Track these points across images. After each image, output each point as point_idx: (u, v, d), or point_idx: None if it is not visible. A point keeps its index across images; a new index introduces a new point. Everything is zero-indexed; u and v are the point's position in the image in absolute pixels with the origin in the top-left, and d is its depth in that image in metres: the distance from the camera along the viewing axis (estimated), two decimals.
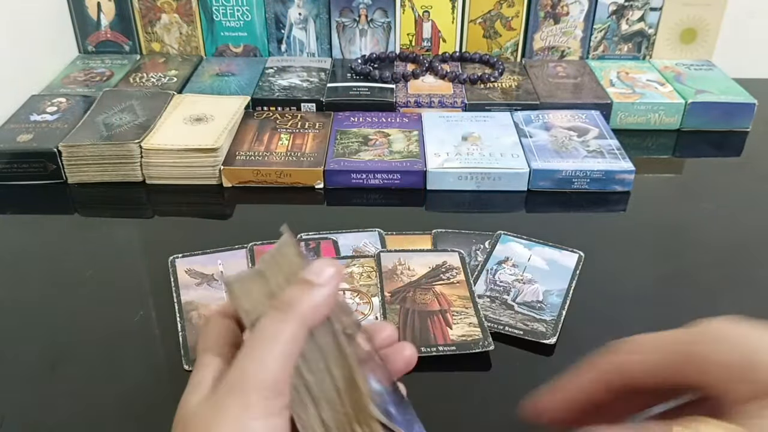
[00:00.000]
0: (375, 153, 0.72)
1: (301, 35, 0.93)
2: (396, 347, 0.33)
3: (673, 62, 0.92)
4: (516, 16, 0.91)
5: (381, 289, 0.54)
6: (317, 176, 0.70)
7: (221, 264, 0.58)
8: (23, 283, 0.58)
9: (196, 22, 0.92)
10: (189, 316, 0.52)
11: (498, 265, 0.58)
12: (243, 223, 0.66)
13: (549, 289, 0.55)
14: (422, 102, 0.82)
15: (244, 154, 0.71)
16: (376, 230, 0.62)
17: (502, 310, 0.53)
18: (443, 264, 0.57)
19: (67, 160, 0.70)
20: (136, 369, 0.49)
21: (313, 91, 0.83)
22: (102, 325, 0.53)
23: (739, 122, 0.82)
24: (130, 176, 0.71)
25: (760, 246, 0.62)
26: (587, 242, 0.61)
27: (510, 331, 0.51)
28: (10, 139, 0.71)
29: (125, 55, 0.94)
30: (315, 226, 0.62)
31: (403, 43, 0.93)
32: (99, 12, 0.92)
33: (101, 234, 0.64)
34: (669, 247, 0.63)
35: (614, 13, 0.91)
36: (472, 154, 0.71)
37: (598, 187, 0.69)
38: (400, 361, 0.33)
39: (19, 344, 0.51)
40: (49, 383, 0.48)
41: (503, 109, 0.81)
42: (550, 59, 0.93)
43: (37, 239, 0.64)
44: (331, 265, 0.30)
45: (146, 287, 0.57)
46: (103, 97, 0.80)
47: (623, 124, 0.82)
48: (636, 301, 0.56)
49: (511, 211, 0.69)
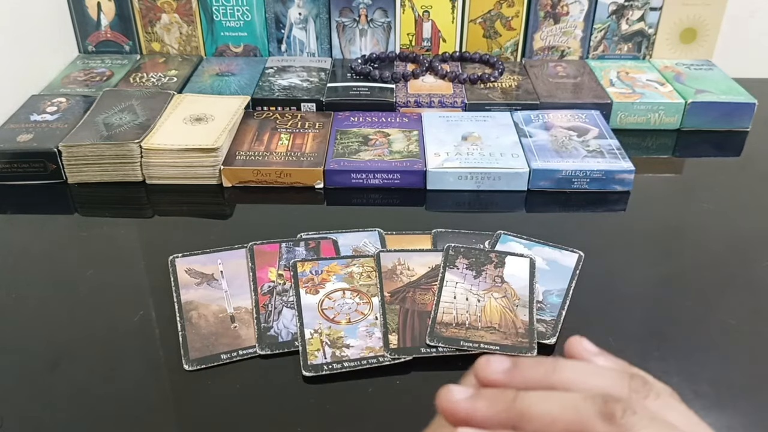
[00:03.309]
0: (375, 153, 0.72)
1: (301, 35, 0.93)
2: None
3: (673, 62, 0.92)
4: (516, 15, 0.91)
5: (381, 289, 0.54)
6: (317, 176, 0.70)
7: (221, 264, 0.58)
8: (23, 283, 0.58)
9: (196, 22, 0.92)
10: (189, 315, 0.53)
11: None
12: (243, 223, 0.66)
13: (549, 289, 0.55)
14: (422, 102, 0.82)
15: (244, 154, 0.71)
16: (376, 230, 0.62)
17: None
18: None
19: (67, 160, 0.70)
20: (136, 369, 0.49)
21: (313, 91, 0.83)
22: (102, 325, 0.53)
23: (739, 122, 0.82)
24: (130, 176, 0.71)
25: (759, 246, 0.62)
26: (587, 242, 0.61)
27: None
28: (10, 139, 0.71)
29: (125, 55, 0.94)
30: (315, 226, 0.62)
31: (403, 43, 0.93)
32: (99, 12, 0.92)
33: (101, 234, 0.64)
34: (669, 247, 0.63)
35: (614, 12, 0.91)
36: (472, 153, 0.71)
37: (598, 187, 0.69)
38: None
39: (19, 344, 0.51)
40: (49, 383, 0.48)
41: (503, 109, 0.81)
42: (550, 59, 0.93)
43: (37, 239, 0.64)
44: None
45: (146, 287, 0.57)
46: (103, 97, 0.80)
47: (623, 124, 0.82)
48: (636, 301, 0.56)
49: (511, 211, 0.69)
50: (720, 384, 0.48)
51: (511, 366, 0.27)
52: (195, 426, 0.45)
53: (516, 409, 0.25)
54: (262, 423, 0.45)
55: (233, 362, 0.49)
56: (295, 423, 0.45)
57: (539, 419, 0.24)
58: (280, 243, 0.60)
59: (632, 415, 0.23)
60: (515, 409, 0.25)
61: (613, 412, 0.24)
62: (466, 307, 0.52)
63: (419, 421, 0.32)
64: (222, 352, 0.49)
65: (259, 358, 0.49)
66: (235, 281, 0.56)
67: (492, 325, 0.51)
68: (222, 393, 0.47)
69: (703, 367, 0.49)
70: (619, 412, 0.23)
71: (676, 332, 0.52)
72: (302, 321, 0.51)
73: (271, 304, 0.53)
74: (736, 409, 0.46)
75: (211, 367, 0.48)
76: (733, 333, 0.52)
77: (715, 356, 0.50)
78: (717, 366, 0.49)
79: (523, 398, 0.25)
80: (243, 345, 0.50)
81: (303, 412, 0.45)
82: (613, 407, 0.24)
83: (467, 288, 0.54)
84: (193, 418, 0.46)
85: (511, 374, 0.27)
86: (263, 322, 0.52)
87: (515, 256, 0.58)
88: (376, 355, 0.49)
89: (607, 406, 0.24)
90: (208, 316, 0.52)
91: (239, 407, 0.46)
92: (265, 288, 0.55)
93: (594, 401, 0.24)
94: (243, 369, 0.49)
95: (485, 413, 0.26)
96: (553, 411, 0.24)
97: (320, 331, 0.51)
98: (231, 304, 0.54)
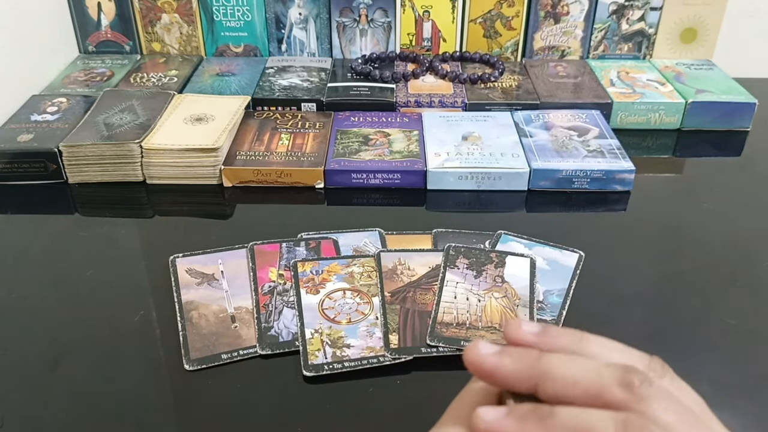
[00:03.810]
0: (375, 153, 0.72)
1: (302, 35, 0.93)
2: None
3: (674, 62, 0.92)
4: (516, 15, 0.91)
5: (381, 289, 0.54)
6: (317, 176, 0.70)
7: (221, 264, 0.58)
8: (23, 283, 0.58)
9: (196, 22, 0.92)
10: (189, 315, 0.53)
11: None
12: (243, 223, 0.66)
13: (549, 289, 0.55)
14: (422, 102, 0.82)
15: (245, 154, 0.71)
16: (377, 230, 0.62)
17: None
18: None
19: (67, 160, 0.70)
20: (136, 369, 0.49)
21: (314, 90, 0.83)
22: (102, 325, 0.53)
23: (739, 122, 0.82)
24: (130, 176, 0.71)
25: (759, 246, 0.62)
26: (587, 242, 0.61)
27: None
28: (11, 139, 0.71)
29: (125, 55, 0.94)
30: (315, 226, 0.62)
31: (403, 42, 0.93)
32: (99, 12, 0.92)
33: (101, 234, 0.64)
34: (669, 247, 0.63)
35: (614, 12, 0.91)
36: (472, 153, 0.71)
37: (598, 186, 0.69)
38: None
39: (20, 344, 0.51)
40: (49, 383, 0.48)
41: (503, 109, 0.81)
42: (550, 59, 0.93)
43: (37, 239, 0.64)
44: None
45: (146, 287, 0.57)
46: (104, 97, 0.80)
47: (623, 124, 0.82)
48: (636, 301, 0.56)
49: (511, 211, 0.69)
50: (720, 384, 0.48)
51: (540, 331, 0.28)
52: (195, 426, 0.45)
53: (540, 368, 0.26)
54: (262, 423, 0.45)
55: (234, 362, 0.49)
56: (296, 423, 0.45)
57: (562, 380, 0.25)
58: (280, 243, 0.60)
59: (649, 387, 0.24)
60: (539, 368, 0.26)
61: (631, 381, 0.24)
62: (467, 307, 0.52)
63: (419, 421, 0.32)
64: (222, 352, 0.49)
65: (260, 358, 0.49)
66: (236, 281, 0.56)
67: (492, 325, 0.51)
68: (222, 393, 0.47)
69: (703, 367, 0.49)
70: (637, 382, 0.24)
71: (676, 332, 0.52)
72: (303, 321, 0.51)
73: (272, 304, 0.53)
74: (736, 409, 0.46)
75: (212, 367, 0.48)
76: (733, 333, 0.52)
77: (715, 356, 0.50)
78: (717, 366, 0.49)
79: (548, 359, 0.26)
80: (243, 345, 0.50)
81: (303, 412, 0.45)
82: (632, 377, 0.25)
83: (468, 288, 0.54)
84: (193, 418, 0.46)
85: (539, 337, 0.28)
86: (264, 322, 0.52)
87: (516, 256, 0.58)
88: (376, 355, 0.49)
89: (627, 375, 0.25)
90: (208, 316, 0.53)
91: (239, 407, 0.46)
92: (265, 288, 0.55)
93: (615, 369, 0.25)
94: (243, 369, 0.49)
95: (510, 369, 0.26)
96: (576, 373, 0.25)
97: (321, 330, 0.51)
98: (231, 304, 0.54)
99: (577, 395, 0.25)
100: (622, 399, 0.24)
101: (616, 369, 0.25)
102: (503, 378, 0.26)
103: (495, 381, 0.27)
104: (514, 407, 0.26)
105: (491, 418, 0.25)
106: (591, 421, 0.24)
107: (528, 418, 0.25)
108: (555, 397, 0.25)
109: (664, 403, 0.24)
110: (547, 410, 0.25)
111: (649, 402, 0.24)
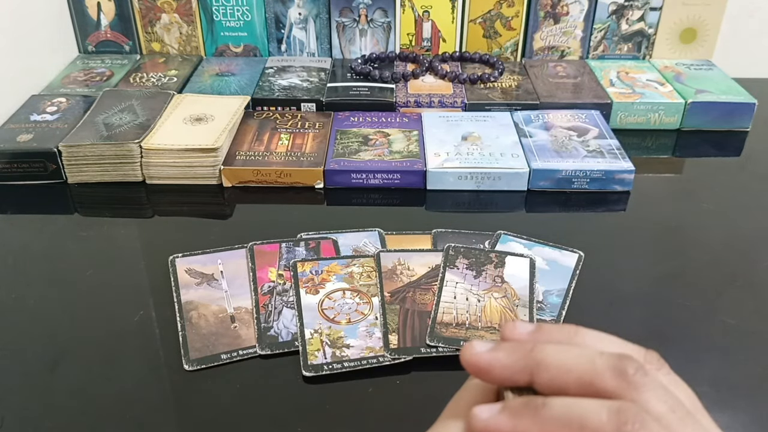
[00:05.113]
0: (375, 153, 0.72)
1: (301, 35, 0.93)
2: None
3: (673, 62, 0.92)
4: (516, 15, 0.91)
5: (381, 289, 0.54)
6: (317, 176, 0.70)
7: (221, 264, 0.58)
8: (23, 283, 0.58)
9: (196, 22, 0.92)
10: (189, 315, 0.53)
11: None
12: (243, 223, 0.66)
13: (549, 289, 0.55)
14: (422, 102, 0.82)
15: (244, 154, 0.71)
16: (376, 230, 0.62)
17: None
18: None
19: (67, 160, 0.70)
20: (136, 369, 0.49)
21: (313, 91, 0.83)
22: (102, 325, 0.53)
23: (739, 122, 0.82)
24: (130, 176, 0.71)
25: (759, 246, 0.62)
26: (587, 242, 0.61)
27: None
28: (10, 139, 0.71)
29: (125, 55, 0.94)
30: (315, 226, 0.62)
31: (403, 43, 0.93)
32: (99, 12, 0.92)
33: (101, 234, 0.64)
34: (669, 247, 0.63)
35: (614, 12, 0.91)
36: (472, 153, 0.71)
37: (598, 186, 0.69)
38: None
39: (19, 344, 0.51)
40: (49, 383, 0.48)
41: (503, 109, 0.81)
42: (550, 59, 0.93)
43: (37, 239, 0.64)
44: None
45: (146, 287, 0.57)
46: (103, 97, 0.80)
47: (623, 124, 0.82)
48: (636, 301, 0.56)
49: (511, 211, 0.69)
50: (720, 384, 0.48)
51: (535, 329, 0.28)
52: (195, 426, 0.45)
53: (533, 358, 0.26)
54: (262, 423, 0.45)
55: (233, 362, 0.49)
56: (295, 423, 0.45)
57: (555, 368, 0.25)
58: (280, 243, 0.60)
59: (644, 376, 0.24)
60: (533, 357, 0.26)
61: (625, 368, 0.24)
62: (466, 307, 0.52)
63: (419, 421, 0.32)
64: (222, 352, 0.49)
65: (259, 358, 0.49)
66: (235, 281, 0.56)
67: (492, 325, 0.51)
68: (222, 393, 0.47)
69: (703, 367, 0.49)
70: (631, 371, 0.24)
71: (676, 332, 0.52)
72: (302, 321, 0.51)
73: (271, 304, 0.53)
74: (736, 409, 0.46)
75: (211, 367, 0.48)
76: (733, 333, 0.52)
77: (715, 356, 0.50)
78: (717, 366, 0.49)
79: (541, 348, 0.26)
80: (243, 345, 0.50)
81: (303, 412, 0.45)
82: (626, 365, 0.25)
83: (467, 288, 0.54)
84: (193, 418, 0.46)
85: (534, 335, 0.28)
86: (263, 322, 0.52)
87: (515, 256, 0.58)
88: (376, 355, 0.49)
89: (621, 362, 0.25)
90: (208, 316, 0.53)
91: (239, 407, 0.46)
92: (265, 288, 0.55)
93: (609, 356, 0.25)
94: (243, 369, 0.49)
95: (504, 362, 0.27)
96: (569, 361, 0.25)
97: (320, 331, 0.51)
98: (231, 304, 0.54)
99: (570, 383, 0.25)
100: (615, 386, 0.24)
101: (611, 357, 0.25)
102: (500, 373, 0.27)
103: (492, 377, 0.27)
104: (508, 402, 0.26)
105: (486, 416, 0.25)
106: (584, 409, 0.24)
107: (522, 412, 0.25)
108: (549, 386, 0.25)
109: (658, 392, 0.24)
110: (540, 401, 0.25)
111: (642, 391, 0.24)
